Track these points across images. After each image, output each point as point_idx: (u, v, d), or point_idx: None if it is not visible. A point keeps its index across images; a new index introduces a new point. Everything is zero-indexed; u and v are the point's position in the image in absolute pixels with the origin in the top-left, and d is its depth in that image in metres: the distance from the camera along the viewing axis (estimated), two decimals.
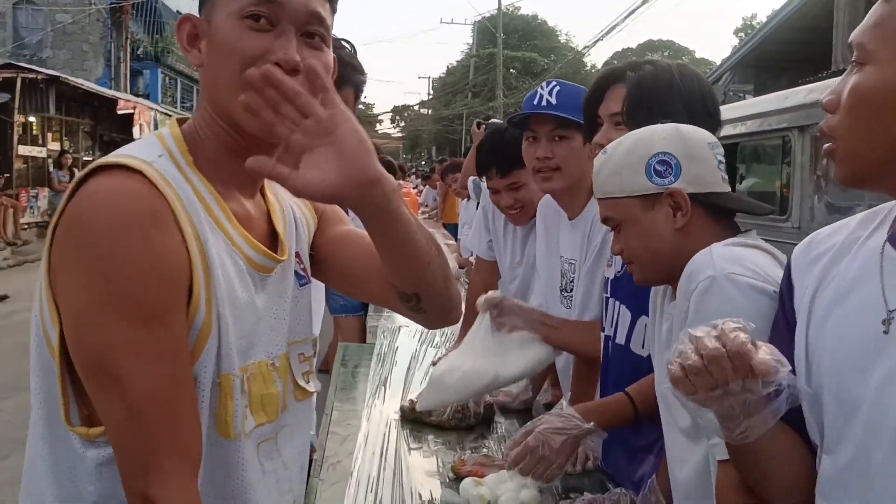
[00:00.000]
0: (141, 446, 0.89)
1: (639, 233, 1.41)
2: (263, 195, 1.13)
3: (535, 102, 2.12)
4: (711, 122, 1.56)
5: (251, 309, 1.02)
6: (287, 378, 1.10)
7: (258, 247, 1.03)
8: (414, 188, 14.63)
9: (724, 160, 1.42)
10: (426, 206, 12.11)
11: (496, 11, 36.64)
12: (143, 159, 0.93)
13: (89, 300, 0.88)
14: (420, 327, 3.44)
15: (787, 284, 1.10)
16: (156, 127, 17.84)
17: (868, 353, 0.92)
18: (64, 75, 14.68)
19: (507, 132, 2.44)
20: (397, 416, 2.25)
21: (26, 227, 13.20)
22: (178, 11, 21.51)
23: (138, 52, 20.40)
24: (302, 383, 1.13)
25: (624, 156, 1.40)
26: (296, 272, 1.14)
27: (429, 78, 56.31)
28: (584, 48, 29.96)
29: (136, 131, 16.66)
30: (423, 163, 58.96)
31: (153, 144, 0.99)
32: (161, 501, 0.89)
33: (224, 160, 1.01)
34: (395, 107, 69.06)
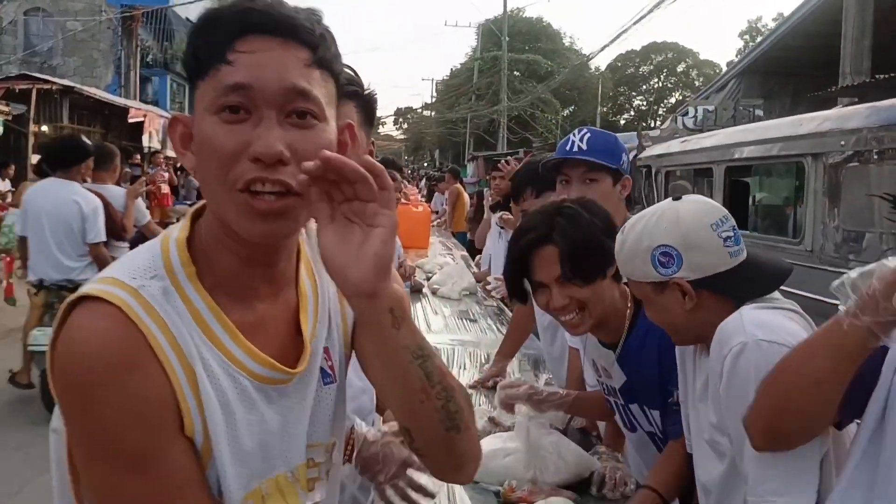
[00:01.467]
0: None
1: (657, 310, 1.58)
2: (298, 285, 1.03)
3: (568, 148, 2.29)
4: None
5: (258, 428, 0.94)
6: (295, 488, 1.01)
7: (265, 361, 0.94)
8: (418, 193, 14.56)
9: (733, 232, 1.50)
10: (435, 212, 12.14)
11: (500, 14, 36.70)
12: (130, 286, 0.88)
13: (82, 445, 0.88)
14: (445, 346, 3.54)
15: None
16: (164, 135, 17.99)
17: None
18: (78, 85, 14.82)
19: (542, 162, 2.63)
20: None
21: None
22: (187, 19, 21.65)
23: (147, 60, 20.54)
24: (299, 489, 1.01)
25: (633, 245, 1.55)
26: (322, 369, 1.04)
27: (432, 80, 56.44)
28: (591, 55, 29.93)
29: (145, 139, 16.78)
30: (426, 164, 58.88)
31: (153, 258, 0.93)
32: None
33: (230, 267, 0.94)
34: (398, 109, 69.21)
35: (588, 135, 2.29)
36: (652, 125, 45.67)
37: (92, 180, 5.32)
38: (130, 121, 16.26)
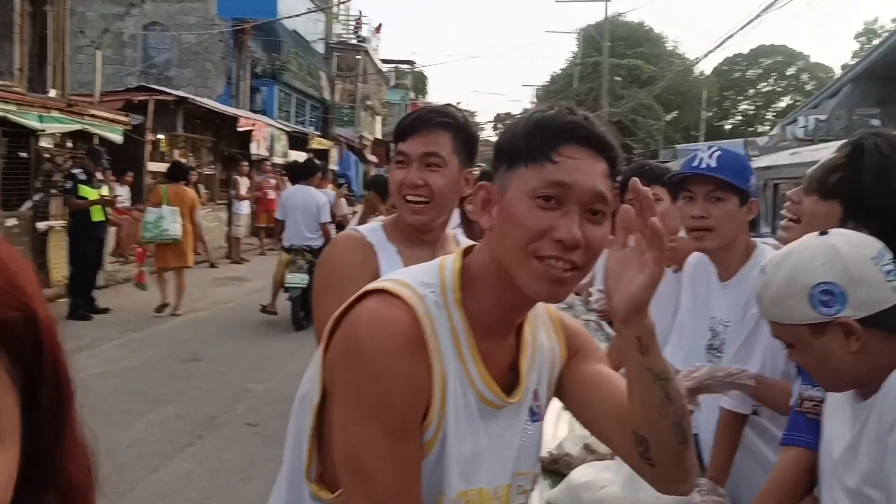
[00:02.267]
0: None
1: (814, 357, 1.43)
2: (520, 333, 1.23)
3: (695, 164, 2.21)
4: None
5: (473, 438, 1.14)
6: None
7: (491, 384, 1.15)
8: None
9: (893, 265, 1.40)
10: None
11: (601, 19, 36.25)
12: (416, 291, 1.11)
13: (354, 405, 1.08)
14: None
15: None
16: (271, 142, 18.66)
17: None
18: (191, 96, 15.55)
19: (668, 176, 2.63)
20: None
21: None
22: (294, 31, 22.41)
23: (256, 70, 21.33)
24: None
25: (784, 284, 1.42)
26: (530, 408, 1.24)
27: (532, 86, 56.29)
28: (696, 60, 29.12)
29: (253, 147, 17.46)
30: None
31: (433, 275, 1.16)
32: None
33: (489, 306, 1.15)
34: (497, 114, 69.34)
35: (719, 152, 2.21)
36: (759, 130, 44.00)
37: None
38: (239, 129, 16.95)
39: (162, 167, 14.91)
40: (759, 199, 2.42)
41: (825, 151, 4.92)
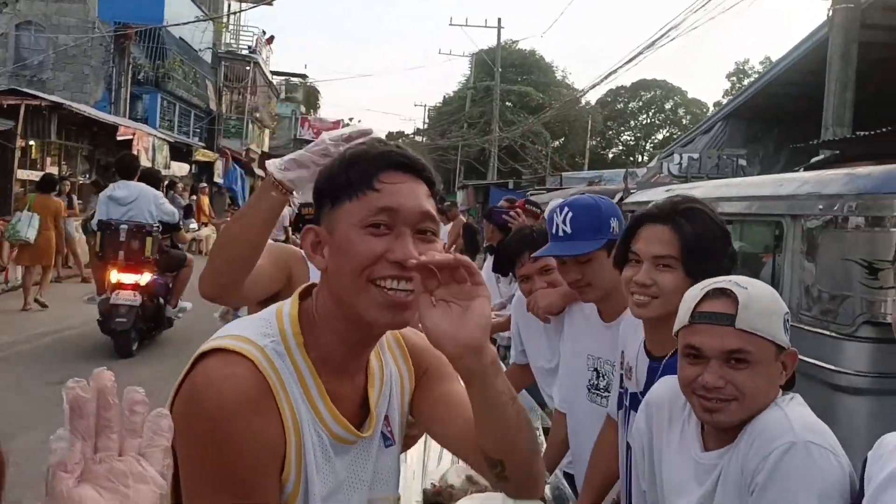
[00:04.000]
0: None
1: (762, 376, 1.44)
2: (367, 364, 1.24)
3: (554, 232, 2.23)
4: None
5: (332, 476, 1.15)
6: None
7: (343, 423, 1.15)
8: None
9: None
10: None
11: (494, 45, 37.06)
12: (254, 343, 1.09)
13: (201, 474, 1.04)
14: None
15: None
16: (153, 152, 17.96)
17: None
18: (67, 102, 14.76)
19: (534, 229, 2.60)
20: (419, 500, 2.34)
21: None
22: (180, 38, 21.73)
23: (139, 77, 20.53)
24: None
25: (770, 302, 1.46)
26: (382, 433, 1.25)
27: (424, 106, 56.76)
28: (583, 91, 30.23)
29: None
30: None
31: (270, 325, 1.15)
32: None
33: (334, 346, 1.15)
34: (389, 133, 69.52)
35: (570, 214, 2.20)
36: (639, 160, 46.03)
37: None
38: (119, 138, 16.23)
39: (33, 175, 14.14)
40: None
41: (697, 190, 5.25)
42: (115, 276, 7.65)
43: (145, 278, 7.75)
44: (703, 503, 1.47)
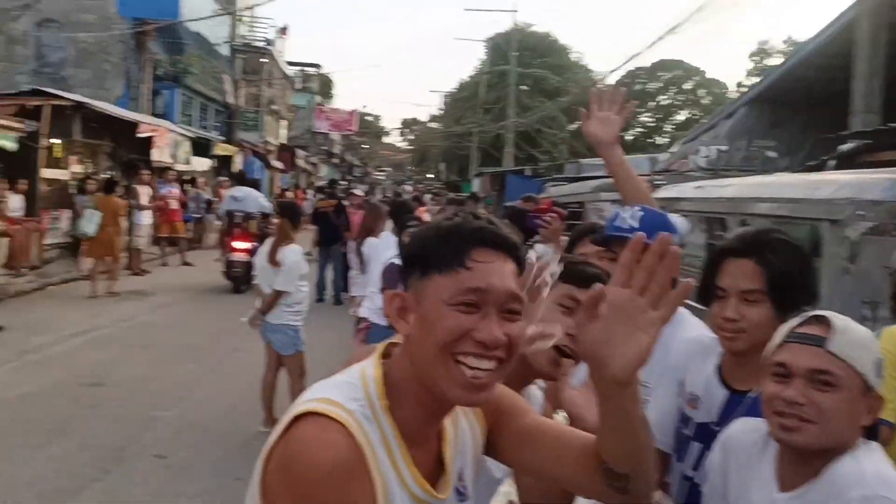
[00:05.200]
0: None
1: (845, 406, 1.44)
2: (441, 424, 1.26)
3: (618, 224, 2.27)
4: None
5: None
6: None
7: (424, 485, 1.18)
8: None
9: None
10: None
11: (509, 29, 36.83)
12: (345, 407, 1.11)
13: None
14: None
15: None
16: (175, 149, 18.08)
17: None
18: (89, 101, 14.86)
19: (592, 237, 2.54)
20: None
21: (48, 247, 13.40)
22: (197, 32, 21.76)
23: (158, 73, 20.62)
24: None
25: (866, 337, 1.49)
26: (456, 489, 1.27)
27: (440, 92, 56.62)
28: (604, 75, 30.04)
29: (155, 153, 16.86)
30: (430, 176, 58.68)
31: (356, 388, 1.17)
32: None
33: (415, 413, 1.18)
34: (404, 120, 69.18)
35: (641, 213, 2.25)
36: (658, 142, 45.65)
37: None
38: (139, 135, 16.34)
39: (58, 174, 14.29)
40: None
41: (730, 189, 5.21)
42: (234, 244, 12.52)
43: (251, 245, 11.97)
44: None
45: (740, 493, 1.60)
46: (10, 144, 11.06)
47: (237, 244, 12.52)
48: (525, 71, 39.13)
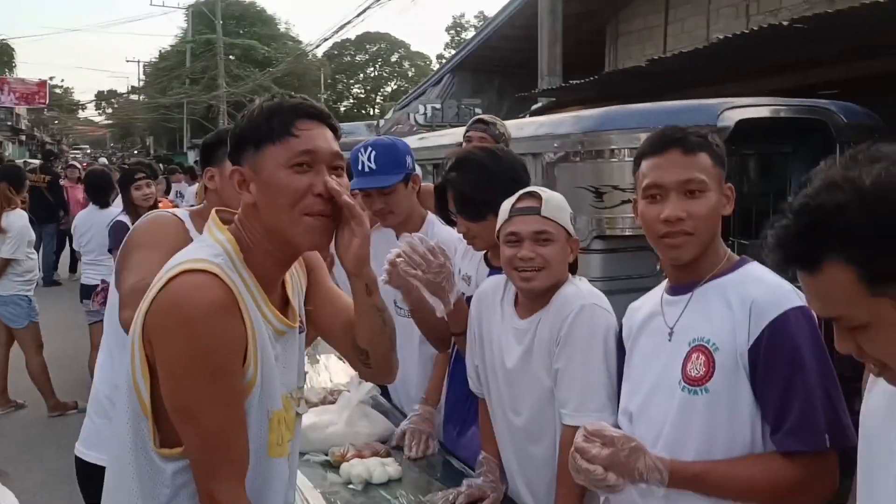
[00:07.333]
0: (208, 460, 1.34)
1: (560, 252, 1.97)
2: None
3: (360, 169, 2.56)
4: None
5: (275, 363, 1.45)
6: (293, 405, 1.54)
7: (282, 319, 1.46)
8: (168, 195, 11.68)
9: None
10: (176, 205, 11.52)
11: None
12: (212, 262, 1.34)
13: (183, 364, 1.30)
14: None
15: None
16: None
17: None
18: None
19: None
20: None
21: None
22: None
23: None
24: (296, 408, 1.57)
25: (562, 201, 2.04)
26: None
27: (139, 62, 52.85)
28: (314, 46, 30.18)
29: None
30: (136, 152, 54.39)
31: (215, 248, 1.39)
32: (219, 494, 1.33)
33: (267, 264, 1.43)
34: (99, 92, 63.22)
35: (374, 152, 2.53)
36: (371, 112, 47.00)
37: None
38: None
39: None
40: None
41: (446, 137, 5.86)
42: None
43: None
44: (523, 358, 1.99)
45: (492, 327, 2.10)
46: None
47: None
48: (234, 41, 38.05)
